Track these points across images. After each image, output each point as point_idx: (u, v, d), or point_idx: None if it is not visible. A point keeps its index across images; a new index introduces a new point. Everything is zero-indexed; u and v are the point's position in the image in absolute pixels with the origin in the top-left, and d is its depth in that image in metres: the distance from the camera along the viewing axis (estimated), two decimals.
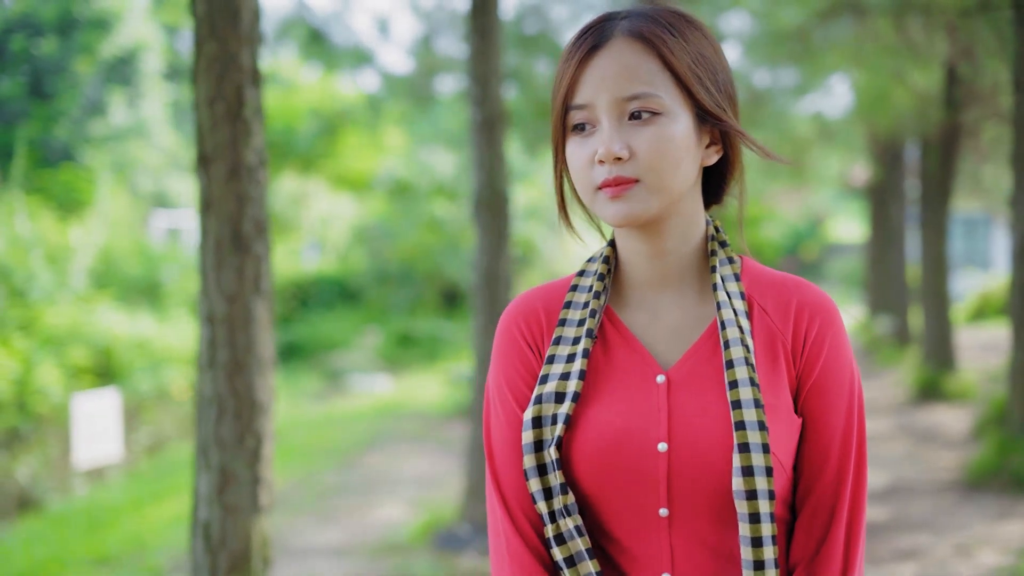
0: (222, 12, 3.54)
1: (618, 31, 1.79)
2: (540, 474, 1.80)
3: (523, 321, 1.93)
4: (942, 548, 7.12)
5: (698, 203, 1.89)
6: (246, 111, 3.57)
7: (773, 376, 1.81)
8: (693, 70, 1.79)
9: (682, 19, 1.83)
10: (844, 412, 1.83)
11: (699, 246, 1.90)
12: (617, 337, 1.88)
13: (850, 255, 39.66)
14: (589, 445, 1.79)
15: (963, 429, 11.27)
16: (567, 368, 1.84)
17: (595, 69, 1.78)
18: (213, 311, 3.68)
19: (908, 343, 17.80)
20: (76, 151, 26.53)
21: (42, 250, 13.88)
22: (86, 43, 27.34)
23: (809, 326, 1.84)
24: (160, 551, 7.63)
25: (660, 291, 1.89)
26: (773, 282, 1.90)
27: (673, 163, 1.77)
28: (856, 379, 1.86)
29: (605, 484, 1.79)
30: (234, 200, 3.60)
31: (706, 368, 1.83)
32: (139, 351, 13.36)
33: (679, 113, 1.78)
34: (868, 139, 19.23)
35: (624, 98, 1.76)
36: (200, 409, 3.81)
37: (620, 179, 1.76)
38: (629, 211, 1.77)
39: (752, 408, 1.73)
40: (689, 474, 1.77)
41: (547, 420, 1.80)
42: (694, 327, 1.87)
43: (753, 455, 1.71)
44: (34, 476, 10.07)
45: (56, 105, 26.88)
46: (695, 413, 1.79)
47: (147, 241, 19.13)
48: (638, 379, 1.84)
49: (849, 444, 1.83)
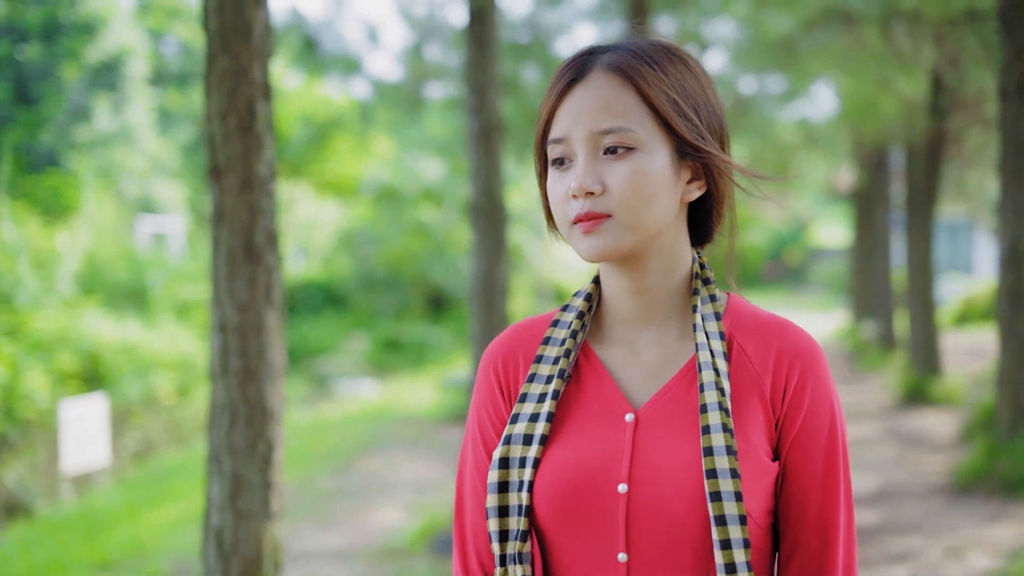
0: (234, 27, 3.59)
1: (598, 65, 1.77)
2: (500, 515, 1.76)
3: (500, 363, 1.90)
4: (933, 551, 7.20)
5: (682, 239, 1.85)
6: (258, 124, 3.63)
7: (748, 421, 1.75)
8: (672, 103, 1.76)
9: (666, 52, 1.80)
10: (827, 462, 1.77)
11: (683, 283, 1.85)
12: (591, 374, 1.84)
13: (834, 260, 39.79)
14: (549, 484, 1.75)
15: (950, 433, 11.37)
16: (537, 409, 1.80)
17: (572, 103, 1.77)
18: (225, 320, 3.73)
19: (893, 348, 17.91)
20: (62, 156, 26.49)
21: (28, 256, 13.87)
22: (71, 48, 27.30)
23: (790, 372, 1.77)
24: (162, 555, 7.66)
25: (641, 328, 1.85)
26: (756, 324, 1.83)
27: (647, 199, 1.74)
28: (840, 427, 1.80)
29: (564, 525, 1.74)
30: (246, 211, 3.65)
31: (677, 408, 1.78)
32: (126, 357, 13.35)
33: (656, 147, 1.75)
34: (853, 144, 19.35)
35: (598, 132, 1.74)
36: (212, 416, 3.86)
37: (592, 214, 1.73)
38: (601, 246, 1.74)
39: (724, 455, 1.67)
40: (649, 518, 1.71)
41: (514, 462, 1.77)
42: (671, 365, 1.82)
43: (725, 503, 1.65)
44: (21, 482, 10.07)
45: (41, 110, 26.84)
46: (660, 454, 1.74)
47: (133, 246, 19.10)
48: (606, 417, 1.80)
49: (834, 495, 1.78)
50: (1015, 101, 8.78)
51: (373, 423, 13.86)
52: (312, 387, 18.29)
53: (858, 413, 13.21)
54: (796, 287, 41.80)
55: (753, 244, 43.75)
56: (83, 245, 15.58)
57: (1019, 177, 8.86)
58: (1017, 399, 9.01)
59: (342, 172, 28.20)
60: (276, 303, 3.77)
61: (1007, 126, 8.87)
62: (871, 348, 18.88)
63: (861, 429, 12.07)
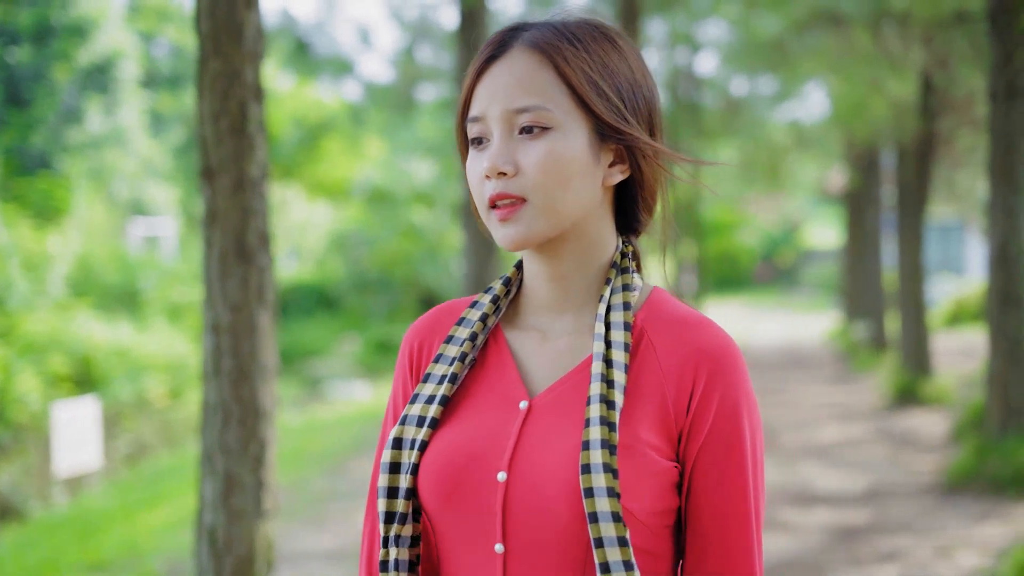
0: (226, 29, 3.62)
1: (518, 42, 1.70)
2: (389, 496, 1.71)
3: (417, 343, 1.85)
4: (923, 550, 7.23)
5: (605, 225, 1.76)
6: (250, 126, 3.66)
7: (641, 417, 1.66)
8: (591, 82, 1.68)
9: (593, 30, 1.72)
10: (734, 473, 1.67)
11: (602, 271, 1.77)
12: (496, 359, 1.78)
13: (826, 261, 39.89)
14: (432, 468, 1.70)
15: (941, 433, 11.41)
16: (435, 390, 1.75)
17: (490, 80, 1.70)
18: (218, 321, 3.75)
19: (885, 348, 17.96)
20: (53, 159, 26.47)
21: (20, 258, 13.88)
22: (63, 51, 27.29)
23: (698, 375, 1.67)
24: (155, 556, 7.67)
25: (557, 315, 1.78)
26: (673, 319, 1.73)
27: (563, 181, 1.66)
28: (750, 436, 1.69)
29: (445, 510, 1.69)
30: (239, 212, 3.68)
31: (572, 399, 1.69)
32: (118, 359, 13.36)
33: (574, 128, 1.67)
34: (844, 146, 19.42)
35: (513, 110, 1.67)
36: (205, 416, 3.88)
37: (504, 195, 1.66)
38: (516, 234, 1.68)
39: (599, 450, 1.58)
40: (526, 509, 1.64)
41: (407, 443, 1.72)
42: (578, 355, 1.74)
43: (598, 500, 1.56)
44: (14, 484, 10.07)
45: (33, 113, 26.82)
46: (544, 445, 1.66)
47: (125, 248, 19.11)
48: (501, 404, 1.73)
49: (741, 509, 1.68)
50: (1004, 102, 8.83)
51: (366, 425, 13.87)
52: (304, 389, 18.30)
53: (849, 414, 13.26)
54: (788, 288, 41.87)
55: (744, 245, 43.84)
56: (75, 247, 15.60)
57: (1008, 178, 8.91)
58: (1007, 399, 9.06)
59: (334, 174, 28.21)
60: (268, 304, 3.80)
61: (996, 127, 8.92)
62: (862, 349, 18.93)
63: (852, 429, 12.12)
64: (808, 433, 11.97)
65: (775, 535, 7.74)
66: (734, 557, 1.67)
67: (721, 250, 41.84)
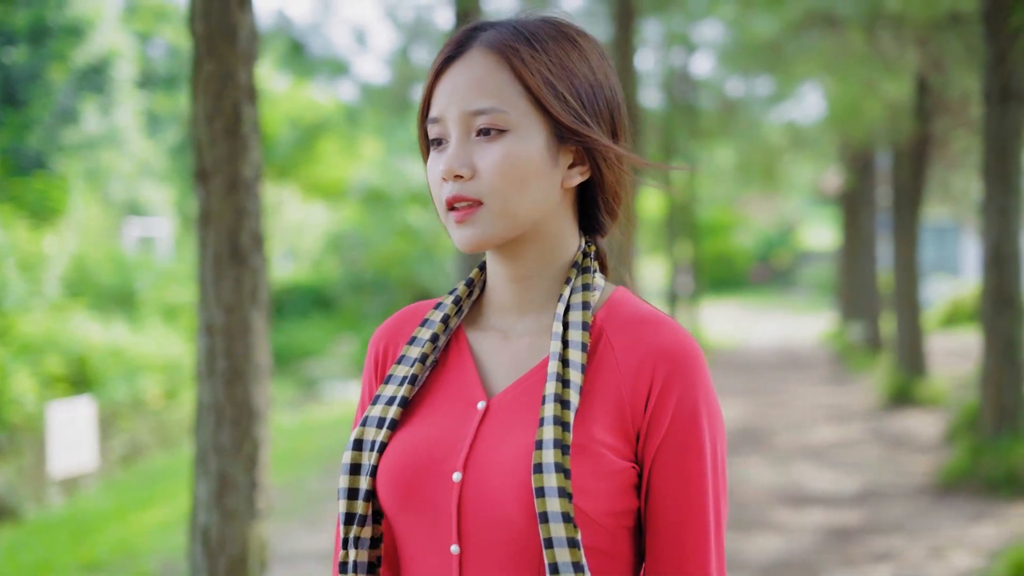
0: (220, 31, 3.63)
1: (476, 42, 1.69)
2: (349, 497, 1.71)
3: (383, 345, 1.85)
4: (916, 550, 7.25)
5: (566, 226, 1.75)
6: (244, 127, 3.67)
7: (597, 417, 1.64)
8: (549, 83, 1.66)
9: (553, 29, 1.70)
10: (693, 476, 1.64)
11: (563, 271, 1.76)
12: (457, 360, 1.77)
13: (822, 262, 39.90)
14: (389, 469, 1.69)
15: (935, 434, 11.43)
16: (396, 391, 1.74)
17: (448, 81, 1.69)
18: (212, 321, 3.77)
19: (880, 349, 17.99)
20: (49, 159, 26.46)
21: (15, 258, 13.87)
22: (59, 51, 27.28)
23: (655, 375, 1.64)
24: (149, 556, 7.68)
25: (519, 316, 1.77)
26: (632, 319, 1.71)
27: (519, 184, 1.65)
28: (710, 438, 1.66)
29: (402, 511, 1.69)
30: (232, 214, 3.69)
31: (529, 399, 1.68)
32: (114, 359, 13.36)
33: (531, 130, 1.66)
34: (840, 147, 19.45)
35: (470, 112, 1.66)
36: (199, 416, 3.89)
37: (460, 197, 1.65)
38: (473, 236, 1.66)
39: (552, 449, 1.56)
40: (480, 509, 1.62)
41: (367, 444, 1.72)
42: (537, 355, 1.73)
43: (548, 500, 1.55)
44: (9, 485, 10.07)
45: (29, 113, 26.81)
46: (499, 445, 1.65)
47: (120, 249, 19.10)
48: (460, 404, 1.72)
49: (700, 513, 1.64)
50: (998, 104, 8.86)
51: None
52: (300, 390, 18.31)
53: (844, 414, 13.28)
54: (784, 289, 41.91)
55: (741, 246, 43.88)
56: (70, 248, 15.60)
57: (1002, 179, 8.95)
58: (1000, 400, 9.09)
59: (330, 175, 28.24)
60: (262, 304, 3.81)
61: (990, 129, 8.95)
62: (858, 350, 18.96)
63: (846, 430, 12.14)
64: (802, 434, 11.99)
65: (768, 536, 7.76)
66: (689, 560, 1.64)
67: (718, 251, 41.88)
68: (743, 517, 8.27)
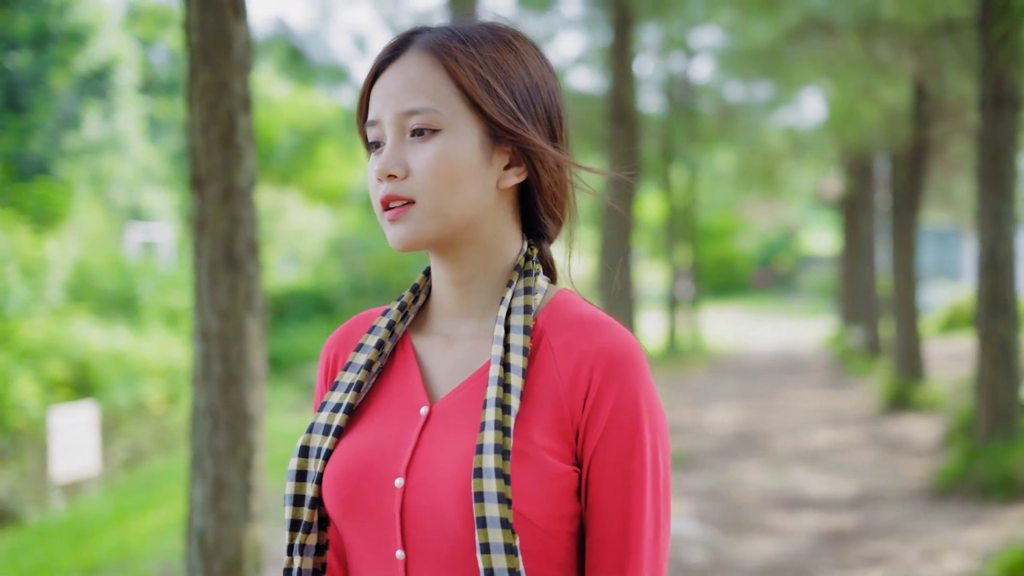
0: (215, 42, 3.69)
1: (412, 45, 1.70)
2: (295, 504, 1.71)
3: (332, 353, 1.87)
4: (909, 554, 7.30)
5: (506, 228, 1.75)
6: (238, 136, 3.72)
7: (536, 420, 1.62)
8: (482, 81, 1.66)
9: (489, 32, 1.72)
10: (632, 478, 1.62)
11: (505, 274, 1.75)
12: (402, 366, 1.77)
13: (824, 267, 39.97)
14: (334, 475, 1.69)
15: (932, 438, 11.48)
16: (342, 399, 1.74)
17: (384, 83, 1.70)
18: (207, 327, 3.82)
19: (879, 354, 18.03)
20: (51, 164, 26.52)
21: (17, 264, 13.92)
22: (61, 56, 27.36)
23: (592, 376, 1.63)
24: (147, 560, 7.73)
25: (462, 320, 1.77)
26: (572, 321, 1.69)
27: (451, 183, 1.65)
28: (651, 439, 1.64)
29: (348, 518, 1.68)
30: (227, 221, 3.74)
31: (471, 404, 1.67)
32: (116, 364, 13.39)
33: (464, 130, 1.66)
34: (840, 152, 19.50)
35: (404, 113, 1.67)
36: (194, 420, 3.95)
37: (393, 196, 1.66)
38: (405, 234, 1.67)
39: (492, 454, 1.55)
40: (423, 515, 1.62)
41: (313, 451, 1.72)
42: (478, 359, 1.73)
43: (487, 505, 1.54)
44: (11, 490, 10.10)
45: (31, 118, 26.88)
46: (441, 450, 1.64)
47: (123, 254, 19.15)
48: (403, 410, 1.72)
49: (638, 514, 1.63)
50: (992, 110, 8.92)
51: None
52: (301, 394, 18.35)
53: (841, 419, 13.33)
54: (786, 294, 41.94)
55: (742, 251, 43.91)
56: (72, 253, 15.64)
57: (997, 184, 9.00)
58: (995, 404, 9.13)
59: (331, 180, 28.29)
60: (257, 310, 3.87)
61: (985, 134, 9.01)
62: (857, 354, 19.00)
63: (843, 434, 12.19)
64: (799, 438, 12.04)
65: (762, 539, 7.81)
66: (627, 564, 1.62)
67: (719, 256, 41.92)
68: (737, 520, 8.32)
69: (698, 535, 7.71)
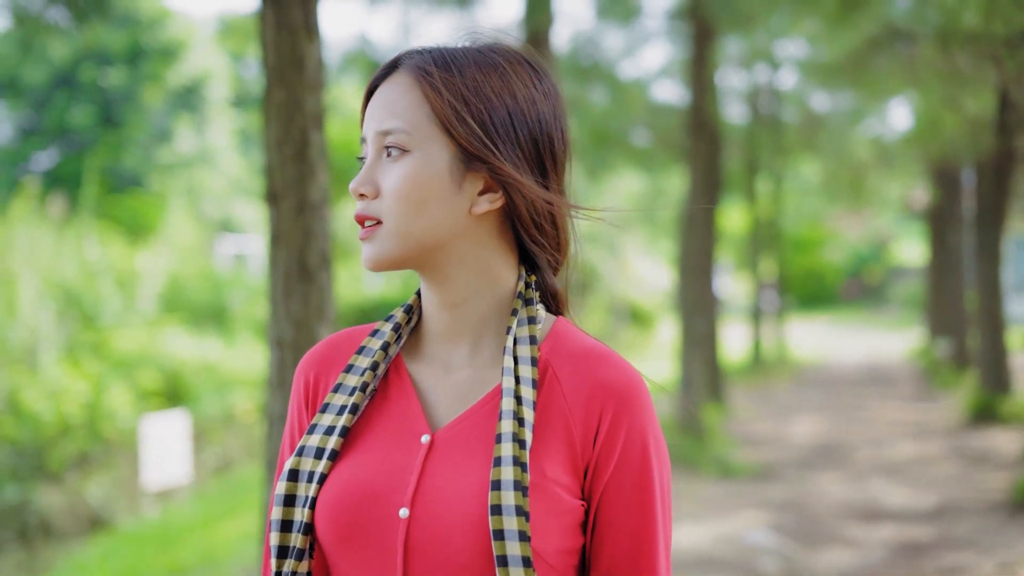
0: (289, 62, 3.83)
1: (401, 66, 1.70)
2: (283, 529, 1.66)
3: (312, 374, 1.80)
4: (986, 567, 7.26)
5: (496, 254, 1.72)
6: (311, 152, 3.86)
7: (547, 454, 1.62)
8: (455, 106, 1.64)
9: (478, 55, 1.71)
10: (642, 513, 1.64)
11: (501, 302, 1.72)
12: (398, 391, 1.73)
13: (913, 278, 39.46)
14: (330, 502, 1.64)
15: (1015, 451, 11.35)
16: (335, 421, 1.69)
17: (372, 102, 1.71)
18: (282, 336, 3.94)
19: (966, 366, 17.84)
20: (144, 178, 27.10)
21: (112, 275, 14.26)
22: (154, 72, 27.95)
23: (604, 411, 1.63)
24: (230, 565, 7.92)
25: (454, 345, 1.73)
26: (575, 352, 1.69)
27: (415, 205, 1.64)
28: (657, 473, 1.66)
29: (343, 546, 1.64)
30: (301, 234, 3.87)
31: (476, 434, 1.65)
32: (206, 374, 13.63)
33: (434, 152, 1.65)
34: (926, 163, 19.32)
35: (380, 132, 1.67)
36: (270, 427, 4.07)
37: (363, 215, 1.67)
38: (373, 254, 1.67)
39: (512, 491, 1.53)
40: (429, 547, 1.59)
41: (303, 475, 1.66)
42: (480, 388, 1.70)
43: (508, 543, 1.52)
44: (105, 497, 10.32)
45: (125, 133, 27.49)
46: (449, 481, 1.61)
47: (214, 266, 19.50)
48: (403, 437, 1.68)
49: (649, 548, 1.64)
50: None
51: None
52: None
53: (925, 431, 13.23)
54: (875, 306, 41.50)
55: (831, 262, 43.53)
56: (165, 265, 15.95)
57: None
58: None
59: None
60: (328, 320, 3.99)
61: None
62: (944, 367, 18.82)
63: (926, 447, 12.11)
64: (881, 450, 11.98)
65: (837, 550, 7.82)
66: None
67: (807, 267, 41.60)
68: (813, 531, 8.33)
69: (773, 545, 7.74)
